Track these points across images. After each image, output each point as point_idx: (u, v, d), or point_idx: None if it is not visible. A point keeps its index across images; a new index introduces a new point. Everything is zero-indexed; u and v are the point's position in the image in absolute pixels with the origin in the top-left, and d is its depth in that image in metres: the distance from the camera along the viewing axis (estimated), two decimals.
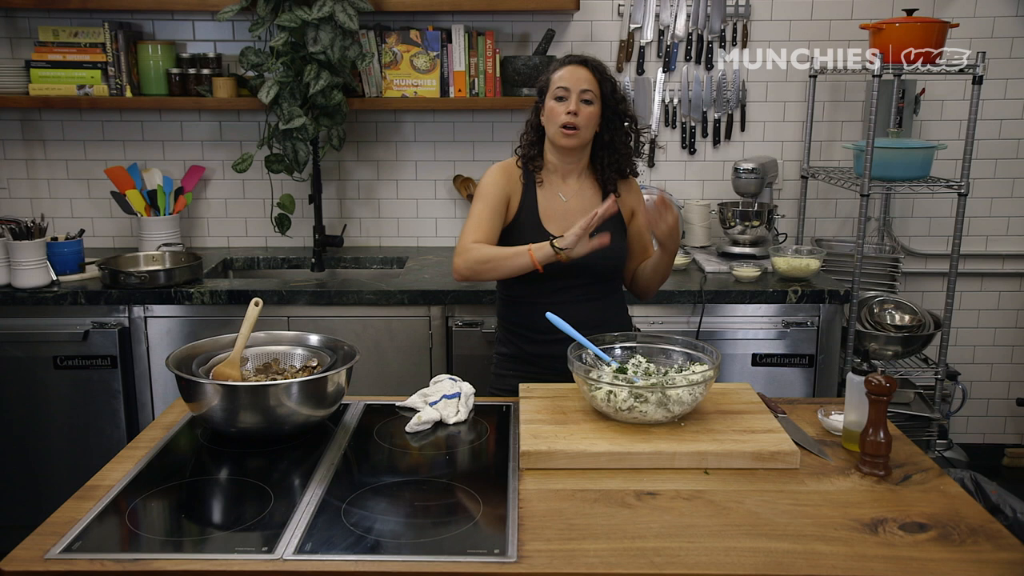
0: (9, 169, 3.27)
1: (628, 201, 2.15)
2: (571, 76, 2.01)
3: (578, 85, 2.00)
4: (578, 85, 2.00)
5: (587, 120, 2.01)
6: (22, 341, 2.68)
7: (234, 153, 3.22)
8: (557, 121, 2.01)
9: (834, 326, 2.74)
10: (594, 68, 2.03)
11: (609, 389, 1.62)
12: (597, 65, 2.05)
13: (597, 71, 2.03)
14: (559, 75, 2.03)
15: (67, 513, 1.37)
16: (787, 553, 1.26)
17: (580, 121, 2.00)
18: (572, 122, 2.00)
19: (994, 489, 2.00)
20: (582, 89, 2.00)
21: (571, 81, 2.01)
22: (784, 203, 3.30)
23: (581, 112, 2.00)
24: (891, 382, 1.48)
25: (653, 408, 1.61)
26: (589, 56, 2.07)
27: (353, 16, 2.80)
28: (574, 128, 2.00)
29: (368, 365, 2.64)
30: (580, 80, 2.01)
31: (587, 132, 2.03)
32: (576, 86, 2.00)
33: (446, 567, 1.22)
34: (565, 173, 2.12)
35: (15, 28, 3.15)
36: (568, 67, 2.03)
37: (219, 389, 1.59)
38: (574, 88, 2.00)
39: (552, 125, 2.03)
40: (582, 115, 2.00)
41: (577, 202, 2.11)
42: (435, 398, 1.76)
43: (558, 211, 2.10)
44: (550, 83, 2.05)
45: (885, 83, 3.04)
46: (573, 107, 1.99)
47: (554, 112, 2.02)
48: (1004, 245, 3.39)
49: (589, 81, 2.01)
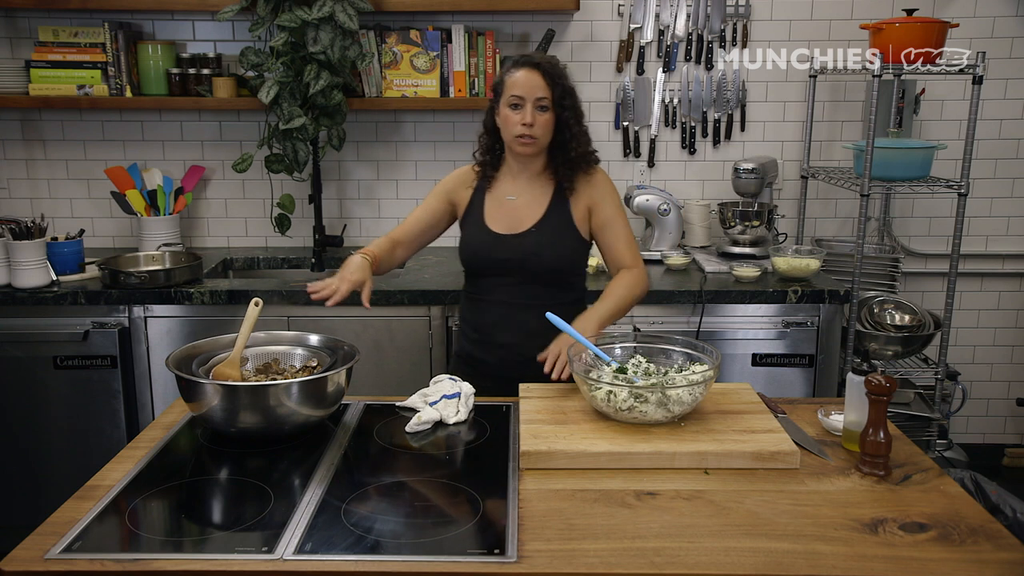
0: (9, 169, 3.27)
1: (583, 196, 2.07)
2: (525, 83, 1.95)
3: (533, 93, 1.94)
4: (533, 93, 1.94)
5: (543, 129, 1.97)
6: (22, 341, 2.68)
7: (234, 153, 3.22)
8: (513, 131, 1.98)
9: (834, 326, 2.74)
10: (547, 72, 1.96)
11: (609, 389, 1.62)
12: (550, 68, 1.97)
13: (549, 75, 1.96)
14: (513, 80, 1.97)
15: (67, 513, 1.37)
16: (787, 553, 1.26)
17: (536, 131, 1.96)
18: (528, 133, 1.96)
19: (994, 489, 2.00)
20: (537, 97, 1.95)
21: (525, 88, 1.95)
22: (784, 203, 3.30)
23: (537, 121, 1.95)
24: (891, 382, 1.48)
25: (653, 408, 1.61)
26: (542, 57, 2.01)
27: (353, 16, 2.80)
28: (531, 138, 1.97)
29: (368, 365, 2.64)
30: (535, 87, 1.95)
31: (544, 140, 2.00)
32: (531, 94, 1.94)
33: (446, 567, 1.22)
34: (517, 174, 2.09)
35: (15, 28, 3.15)
36: (522, 71, 1.96)
37: (219, 389, 1.59)
38: (529, 96, 1.94)
39: (508, 134, 2.00)
40: (538, 124, 1.96)
41: (524, 199, 2.07)
42: (435, 398, 1.76)
43: (504, 209, 2.08)
44: (504, 86, 1.99)
45: (885, 83, 3.04)
46: (528, 118, 1.94)
47: (509, 121, 1.98)
48: (1004, 245, 3.39)
49: (543, 87, 1.95)
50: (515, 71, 1.97)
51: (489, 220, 2.08)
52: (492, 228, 2.07)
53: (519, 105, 1.96)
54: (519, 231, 2.05)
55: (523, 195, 2.08)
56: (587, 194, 2.07)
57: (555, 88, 1.96)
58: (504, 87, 1.98)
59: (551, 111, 1.97)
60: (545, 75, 1.95)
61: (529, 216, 2.06)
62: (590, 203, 2.08)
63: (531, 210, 2.07)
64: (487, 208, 2.09)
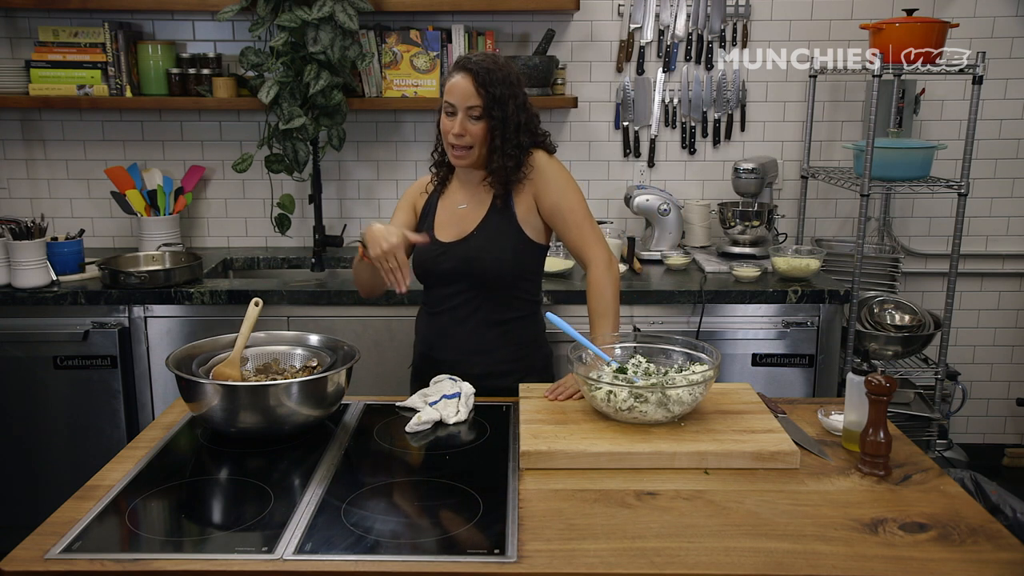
0: (9, 169, 3.27)
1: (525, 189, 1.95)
2: (456, 89, 1.85)
3: (464, 101, 1.84)
4: (464, 101, 1.84)
5: (477, 138, 1.87)
6: (22, 341, 2.68)
7: (234, 153, 3.22)
8: (446, 140, 1.90)
9: (834, 326, 2.74)
10: (477, 76, 1.83)
11: (609, 389, 1.62)
12: (480, 71, 1.83)
13: (481, 81, 1.83)
14: (448, 85, 1.87)
15: (67, 513, 1.37)
16: (787, 553, 1.26)
17: (467, 140, 1.87)
18: (460, 143, 1.87)
19: (994, 489, 2.00)
20: (468, 106, 1.84)
21: (456, 96, 1.85)
22: (784, 203, 3.30)
23: (469, 131, 1.86)
24: (891, 382, 1.48)
25: (653, 408, 1.61)
26: (474, 59, 1.87)
27: (353, 16, 2.80)
28: (463, 148, 1.88)
29: (368, 365, 2.64)
30: (466, 95, 1.84)
31: (479, 149, 1.89)
32: (462, 102, 1.84)
33: (446, 567, 1.22)
34: (466, 181, 2.01)
35: (15, 28, 3.15)
36: (456, 76, 1.85)
37: (219, 389, 1.59)
38: (460, 104, 1.85)
39: (444, 142, 1.92)
40: (470, 134, 1.86)
41: (471, 207, 1.99)
42: (435, 398, 1.76)
43: (453, 218, 2.00)
44: (443, 90, 1.90)
45: (885, 83, 3.04)
46: (458, 128, 1.85)
47: (443, 128, 1.89)
48: (1004, 245, 3.39)
49: (473, 95, 1.83)
50: (451, 76, 1.87)
51: (438, 229, 2.00)
52: (439, 237, 1.99)
53: (452, 112, 1.87)
54: (461, 237, 1.97)
55: (471, 201, 1.99)
56: (529, 188, 1.95)
57: (487, 95, 1.84)
58: (443, 91, 1.90)
59: (484, 119, 1.86)
60: (477, 81, 1.83)
61: (471, 222, 1.97)
62: (534, 192, 1.95)
63: (475, 215, 1.98)
64: (438, 216, 2.02)
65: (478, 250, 1.93)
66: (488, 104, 1.84)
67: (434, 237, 1.99)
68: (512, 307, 2.00)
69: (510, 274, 1.96)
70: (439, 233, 2.00)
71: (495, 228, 1.95)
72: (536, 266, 2.03)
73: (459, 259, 1.94)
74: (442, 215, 2.02)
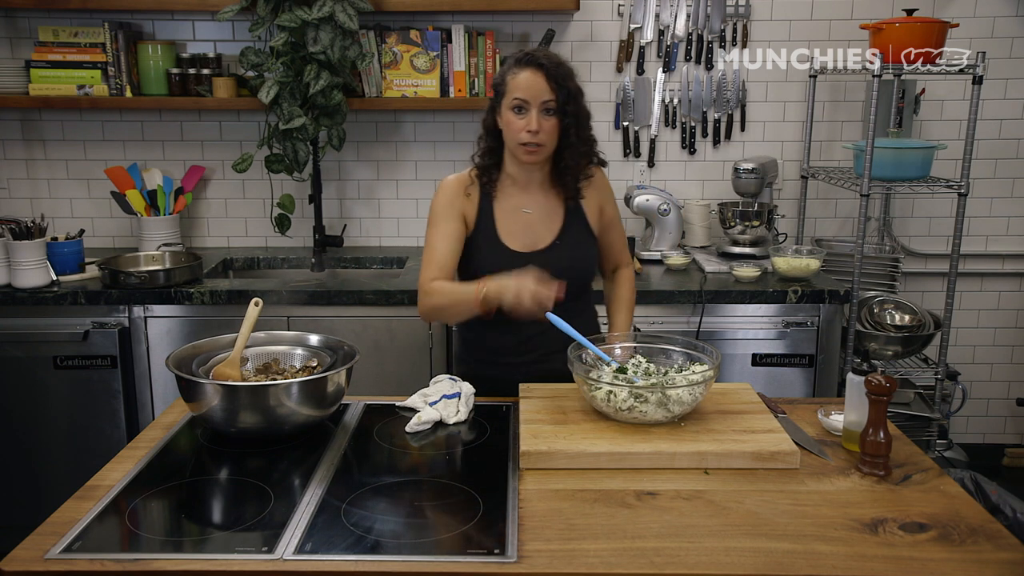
0: (9, 169, 3.27)
1: (593, 198, 2.00)
2: (529, 85, 1.81)
3: (538, 97, 1.81)
4: (538, 97, 1.81)
5: (550, 135, 1.84)
6: (22, 341, 2.68)
7: (234, 153, 3.22)
8: (517, 138, 1.84)
9: (834, 326, 2.74)
10: (552, 74, 1.81)
11: (609, 389, 1.62)
12: (554, 70, 1.82)
13: (554, 77, 1.81)
14: (516, 81, 1.83)
15: (67, 513, 1.37)
16: (787, 553, 1.26)
17: (542, 138, 1.83)
18: (534, 140, 1.82)
19: (994, 489, 2.00)
20: (543, 100, 1.81)
21: (530, 92, 1.81)
22: (784, 203, 3.30)
23: (543, 127, 1.82)
24: (891, 382, 1.48)
25: (653, 408, 1.61)
26: (546, 56, 1.84)
27: (353, 16, 2.80)
28: (537, 146, 1.84)
29: (368, 365, 2.64)
30: (540, 91, 1.81)
31: (551, 147, 1.87)
32: (536, 98, 1.81)
33: (446, 567, 1.22)
34: (525, 183, 1.96)
35: (15, 28, 3.15)
36: (525, 72, 1.82)
37: (219, 389, 1.59)
38: (533, 100, 1.81)
39: (512, 140, 1.86)
40: (544, 130, 1.82)
41: (539, 212, 1.96)
42: (435, 398, 1.76)
43: (519, 225, 1.95)
44: (506, 87, 1.84)
45: (885, 83, 3.04)
46: (534, 124, 1.81)
47: (513, 126, 1.84)
48: (1004, 245, 3.39)
49: (547, 90, 1.81)
50: (518, 71, 1.83)
51: (504, 236, 1.93)
52: (510, 246, 1.93)
53: (523, 109, 1.82)
54: (541, 247, 1.94)
55: (538, 207, 1.96)
56: (596, 196, 2.01)
57: (560, 91, 1.82)
58: (506, 88, 1.85)
59: (556, 116, 1.84)
60: (550, 77, 1.81)
61: (547, 230, 1.95)
62: (600, 204, 2.02)
63: (549, 223, 1.95)
64: (499, 222, 1.94)
65: (564, 260, 1.93)
66: (562, 99, 1.82)
67: (502, 245, 1.93)
68: (582, 304, 2.05)
69: (591, 278, 2.05)
70: (508, 240, 1.94)
71: (575, 236, 1.97)
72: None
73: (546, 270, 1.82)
74: (505, 221, 1.95)
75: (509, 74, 1.85)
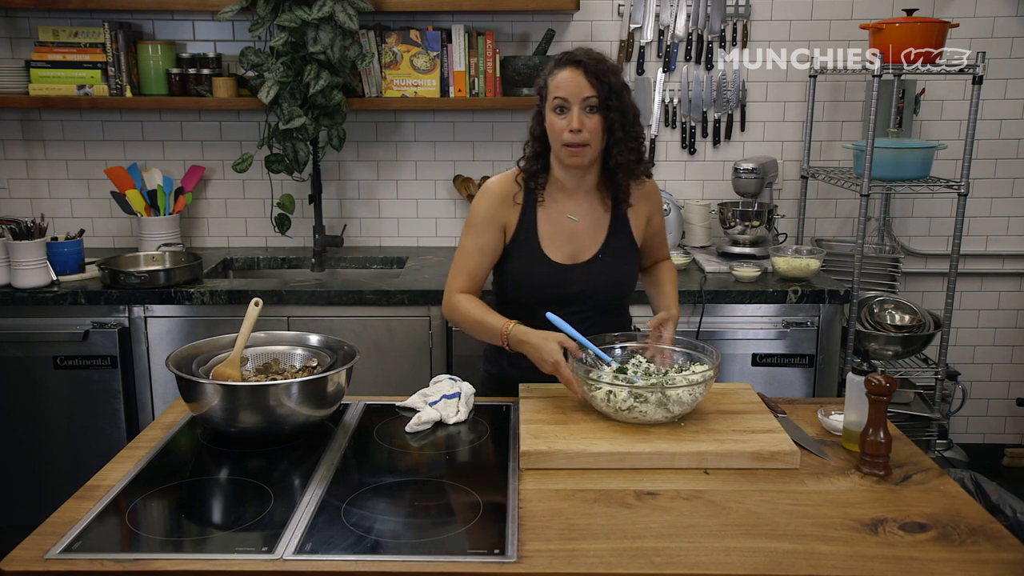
0: (9, 169, 3.27)
1: (642, 209, 1.95)
2: (569, 83, 1.75)
3: (579, 94, 1.75)
4: (579, 94, 1.75)
5: (594, 133, 1.77)
6: (22, 341, 2.68)
7: (234, 153, 3.22)
8: (560, 139, 1.78)
9: (834, 326, 2.74)
10: (591, 70, 1.75)
11: (609, 389, 1.62)
12: (593, 66, 1.76)
13: (594, 74, 1.75)
14: (556, 81, 1.78)
15: (67, 513, 1.37)
16: (787, 553, 1.26)
17: (586, 137, 1.76)
18: (577, 140, 1.77)
19: (994, 489, 2.00)
20: (583, 97, 1.75)
21: (570, 90, 1.75)
22: (784, 203, 3.30)
23: (586, 126, 1.76)
24: (891, 382, 1.48)
25: (653, 408, 1.61)
26: (584, 53, 1.79)
27: (353, 16, 2.80)
28: (581, 145, 1.78)
29: (368, 365, 2.64)
30: (580, 87, 1.75)
31: (596, 146, 1.80)
32: (577, 95, 1.75)
33: (446, 567, 1.22)
34: (573, 189, 1.90)
35: (15, 28, 3.15)
36: (565, 71, 1.77)
37: (219, 389, 1.59)
38: (574, 98, 1.75)
39: (556, 142, 1.81)
40: (587, 129, 1.76)
41: (587, 222, 1.91)
42: (435, 398, 1.76)
43: (563, 233, 1.90)
44: (548, 88, 1.80)
45: (885, 83, 3.04)
46: (576, 123, 1.75)
47: (555, 127, 1.78)
48: (1004, 245, 3.39)
49: (587, 87, 1.75)
50: (558, 71, 1.78)
51: (547, 246, 1.89)
52: (552, 257, 1.89)
53: (564, 108, 1.76)
54: (584, 259, 1.90)
55: (584, 215, 1.91)
56: (645, 207, 1.96)
57: (601, 86, 1.75)
58: (548, 88, 1.80)
59: (600, 113, 1.77)
60: (589, 73, 1.75)
61: (591, 241, 1.91)
62: (648, 215, 1.98)
63: (593, 233, 1.91)
64: (542, 230, 1.89)
65: (605, 275, 1.90)
66: (604, 95, 1.76)
67: (544, 256, 1.89)
68: (619, 315, 2.05)
69: (630, 292, 2.02)
70: (549, 250, 1.89)
71: (618, 250, 1.93)
72: None
73: (583, 283, 1.86)
74: (548, 228, 1.90)
75: (549, 76, 1.81)
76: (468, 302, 1.88)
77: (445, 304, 1.93)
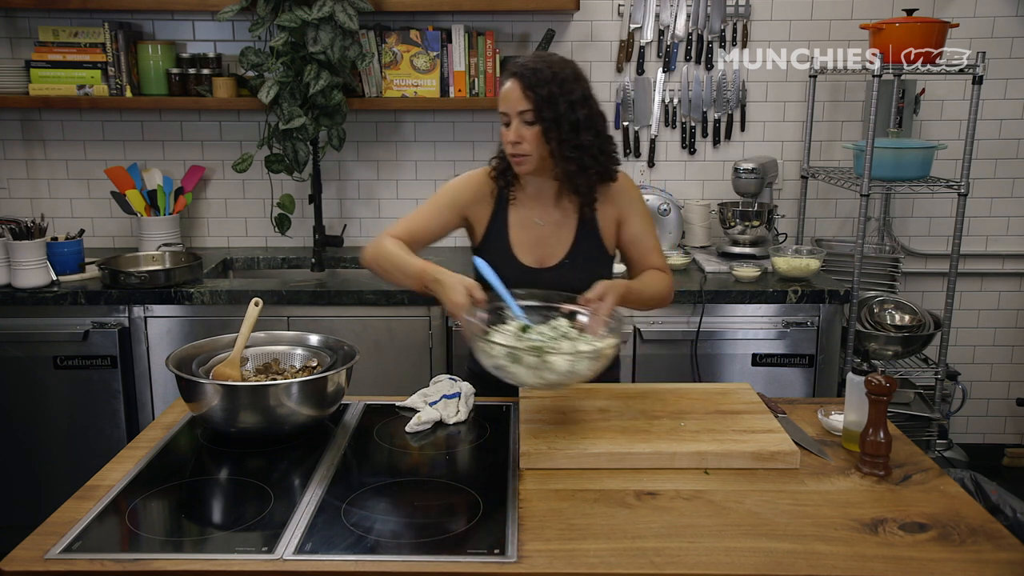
0: (9, 169, 3.27)
1: (609, 211, 1.92)
2: (507, 96, 1.78)
3: (515, 107, 1.77)
4: (515, 107, 1.77)
5: (533, 143, 1.78)
6: (22, 341, 2.68)
7: (234, 153, 3.22)
8: (506, 149, 1.82)
9: (834, 326, 2.74)
10: (523, 79, 1.75)
11: (491, 344, 1.54)
12: (525, 73, 1.75)
13: (526, 82, 1.75)
14: (501, 93, 1.80)
15: (67, 513, 1.37)
16: (787, 553, 1.26)
17: (525, 148, 1.78)
18: (517, 151, 1.79)
19: (994, 489, 2.00)
20: (519, 111, 1.76)
21: (508, 103, 1.78)
22: (784, 203, 3.30)
23: (524, 136, 1.77)
24: (891, 382, 1.48)
25: (524, 371, 1.51)
26: (521, 62, 1.79)
27: (353, 16, 2.80)
28: (522, 155, 1.79)
29: (368, 365, 2.64)
30: (515, 100, 1.76)
31: (537, 155, 1.79)
32: (513, 108, 1.77)
33: (446, 567, 1.22)
34: (537, 194, 1.91)
35: (15, 28, 3.15)
36: (507, 83, 1.78)
37: (219, 389, 1.59)
38: (511, 111, 1.78)
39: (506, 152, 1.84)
40: (526, 140, 1.77)
41: (553, 227, 1.91)
42: (435, 398, 1.76)
43: (531, 237, 1.91)
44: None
45: (885, 83, 3.04)
46: (513, 135, 1.78)
47: (503, 137, 1.82)
48: (1004, 245, 3.39)
49: (521, 99, 1.75)
50: (502, 83, 1.81)
51: (517, 248, 1.91)
52: (521, 260, 1.90)
53: (507, 122, 1.80)
54: (551, 264, 1.91)
55: (550, 220, 1.92)
56: (612, 208, 1.92)
57: (535, 97, 1.75)
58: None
59: (538, 124, 1.77)
60: (523, 84, 1.75)
61: (558, 245, 1.91)
62: (618, 216, 1.93)
63: (560, 239, 1.91)
64: (512, 232, 1.91)
65: (571, 279, 1.85)
66: (537, 106, 1.75)
67: (514, 258, 1.90)
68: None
69: None
70: (519, 253, 1.91)
71: (586, 254, 1.91)
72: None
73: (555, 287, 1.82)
74: (518, 232, 1.92)
75: (500, 86, 1.83)
76: (395, 244, 1.85)
77: (370, 244, 1.89)
